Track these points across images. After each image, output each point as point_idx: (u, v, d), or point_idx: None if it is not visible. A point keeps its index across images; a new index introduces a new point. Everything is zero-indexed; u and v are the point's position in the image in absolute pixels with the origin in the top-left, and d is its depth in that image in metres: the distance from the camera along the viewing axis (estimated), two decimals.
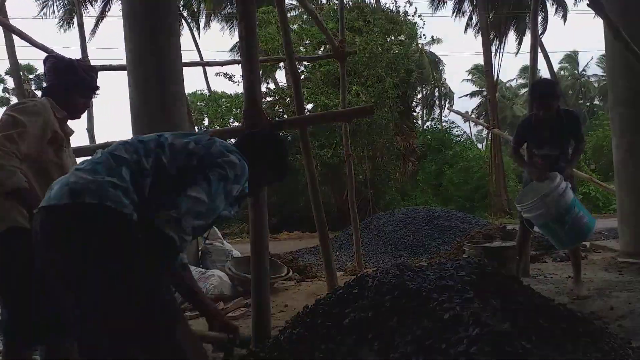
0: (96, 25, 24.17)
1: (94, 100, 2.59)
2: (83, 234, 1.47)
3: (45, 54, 5.48)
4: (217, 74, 21.51)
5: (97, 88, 2.47)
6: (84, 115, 6.92)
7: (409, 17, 20.49)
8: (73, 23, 22.90)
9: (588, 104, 40.67)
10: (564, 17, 25.00)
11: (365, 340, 2.08)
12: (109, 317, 1.47)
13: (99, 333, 1.48)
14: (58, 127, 2.28)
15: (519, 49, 25.78)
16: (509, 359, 1.55)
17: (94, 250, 1.47)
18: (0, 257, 2.08)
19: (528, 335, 2.15)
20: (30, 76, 23.91)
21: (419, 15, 24.90)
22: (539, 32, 17.47)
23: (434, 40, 30.70)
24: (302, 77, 18.28)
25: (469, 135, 31.63)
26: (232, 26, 26.41)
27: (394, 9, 20.23)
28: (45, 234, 1.53)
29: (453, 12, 25.71)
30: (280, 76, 22.37)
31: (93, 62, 6.81)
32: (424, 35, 24.42)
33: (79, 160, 2.52)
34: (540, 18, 21.69)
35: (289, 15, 15.99)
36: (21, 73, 6.09)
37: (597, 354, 2.38)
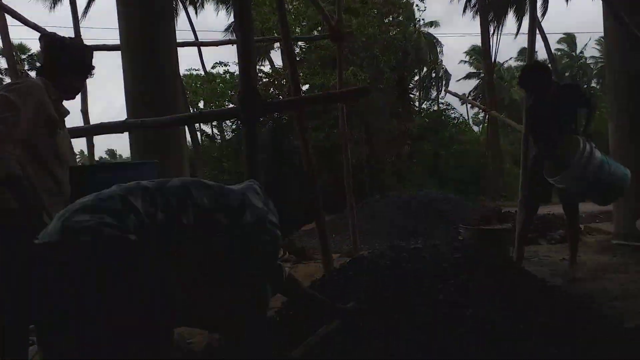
0: (88, 5, 23.75)
1: (88, 81, 2.52)
2: (78, 265, 1.41)
3: (39, 34, 5.40)
4: (212, 67, 21.12)
5: (92, 68, 2.41)
6: (78, 96, 6.85)
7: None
8: (62, 1, 22.53)
9: (585, 86, 40.58)
10: None
11: (360, 321, 2.09)
12: (111, 315, 1.42)
13: (100, 332, 1.45)
14: (52, 109, 2.23)
15: (518, 31, 25.55)
16: (504, 340, 1.56)
17: (93, 272, 1.41)
18: None
19: (522, 317, 2.17)
20: (23, 56, 23.56)
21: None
22: (540, 14, 17.32)
23: (431, 25, 30.44)
24: (298, 58, 18.14)
25: (465, 118, 31.59)
26: (229, 6, 26.02)
27: None
28: (42, 270, 1.46)
29: None
30: (276, 58, 22.16)
31: (86, 42, 6.70)
32: (423, 19, 24.21)
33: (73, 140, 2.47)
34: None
35: None
36: (14, 53, 5.99)
37: (589, 334, 2.40)
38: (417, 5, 21.10)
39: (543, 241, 6.31)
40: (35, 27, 5.50)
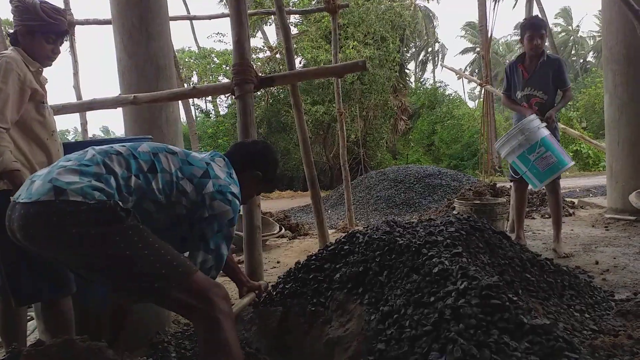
0: None
1: (79, 55, 2.47)
2: (70, 222, 1.47)
3: None
4: (208, 37, 20.91)
5: (65, 32, 2.33)
6: (70, 72, 6.76)
7: None
8: None
9: (581, 60, 40.36)
10: None
11: (355, 294, 2.11)
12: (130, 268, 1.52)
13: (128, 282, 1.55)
14: (35, 83, 2.20)
15: (515, 3, 25.29)
16: (496, 312, 1.58)
17: (86, 230, 1.48)
18: None
19: (515, 289, 2.20)
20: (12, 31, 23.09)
21: None
22: None
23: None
24: (298, 31, 17.91)
25: (461, 93, 31.49)
26: None
27: None
28: (27, 228, 1.51)
29: None
30: (271, 33, 21.87)
31: (77, 16, 6.58)
32: None
33: (57, 117, 2.43)
34: None
35: None
36: (3, 28, 5.87)
37: (581, 306, 2.45)
38: None
39: (537, 215, 6.37)
40: None
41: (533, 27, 4.01)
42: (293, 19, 18.91)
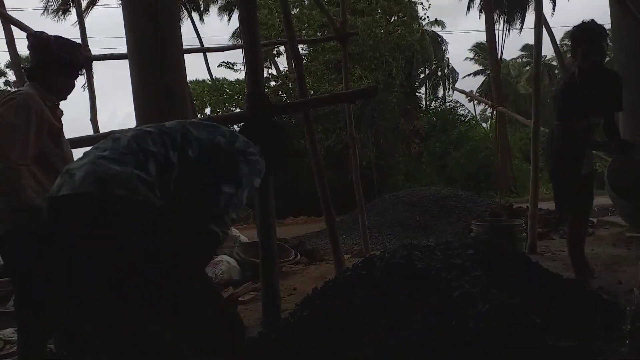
0: (85, 10, 24.01)
1: (97, 90, 2.52)
2: (112, 224, 1.47)
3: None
4: (218, 65, 21.32)
5: (80, 67, 2.37)
6: (87, 105, 6.92)
7: None
8: (70, 12, 22.84)
9: None
10: None
11: (374, 319, 2.09)
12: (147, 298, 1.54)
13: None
14: (51, 117, 2.23)
15: (522, 26, 25.48)
16: (520, 334, 1.55)
17: (122, 241, 1.48)
18: (13, 247, 2.08)
19: (537, 310, 2.16)
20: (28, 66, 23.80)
21: None
22: (549, 10, 17.06)
23: (437, 23, 30.33)
24: (304, 62, 18.19)
25: (474, 114, 31.46)
26: (230, 15, 26.20)
27: None
28: (72, 221, 1.50)
29: None
30: (282, 62, 22.20)
31: (95, 52, 6.76)
32: (427, 17, 24.16)
33: (74, 150, 2.48)
34: None
35: None
36: (22, 65, 6.04)
37: (606, 326, 2.38)
38: (421, 3, 21.04)
39: (555, 236, 6.26)
40: None
41: (593, 39, 3.08)
42: (299, 51, 19.17)
